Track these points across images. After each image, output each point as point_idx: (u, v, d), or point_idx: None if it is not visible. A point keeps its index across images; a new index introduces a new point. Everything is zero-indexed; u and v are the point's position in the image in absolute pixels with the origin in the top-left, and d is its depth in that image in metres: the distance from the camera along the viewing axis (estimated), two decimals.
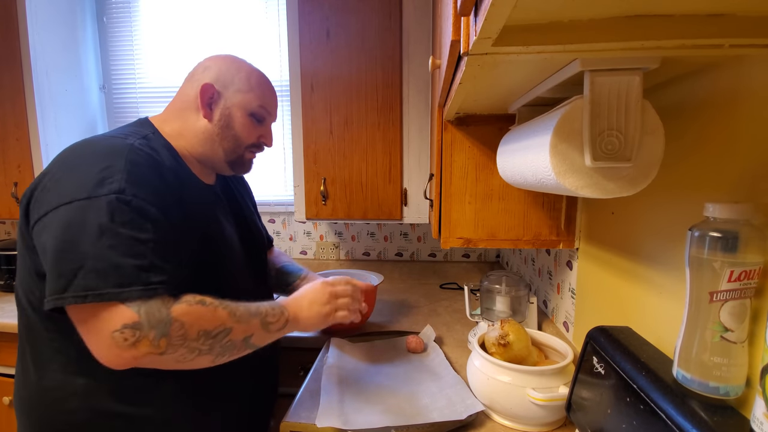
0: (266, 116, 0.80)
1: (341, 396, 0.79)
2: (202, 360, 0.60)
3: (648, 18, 0.37)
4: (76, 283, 0.52)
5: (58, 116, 1.62)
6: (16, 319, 1.28)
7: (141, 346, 0.53)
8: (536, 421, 0.69)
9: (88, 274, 0.52)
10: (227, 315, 0.62)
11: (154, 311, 0.54)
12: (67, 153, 0.62)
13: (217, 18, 1.75)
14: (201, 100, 0.73)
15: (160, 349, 0.54)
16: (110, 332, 0.52)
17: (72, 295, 0.52)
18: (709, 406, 0.41)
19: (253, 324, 0.65)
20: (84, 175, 0.57)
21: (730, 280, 0.39)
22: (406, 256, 1.78)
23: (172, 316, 0.56)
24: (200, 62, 0.79)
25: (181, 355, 0.57)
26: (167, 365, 0.58)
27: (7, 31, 1.49)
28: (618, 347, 0.55)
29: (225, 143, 0.76)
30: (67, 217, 0.54)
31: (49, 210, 0.56)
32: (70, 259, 0.53)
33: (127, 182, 0.57)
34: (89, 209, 0.54)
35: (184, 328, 0.56)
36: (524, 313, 1.00)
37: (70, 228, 0.54)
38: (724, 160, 0.47)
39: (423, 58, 1.31)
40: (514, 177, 0.65)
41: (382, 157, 1.37)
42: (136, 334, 0.53)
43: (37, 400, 0.65)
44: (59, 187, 0.57)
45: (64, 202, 0.55)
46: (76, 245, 0.53)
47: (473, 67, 0.46)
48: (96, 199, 0.55)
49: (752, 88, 0.44)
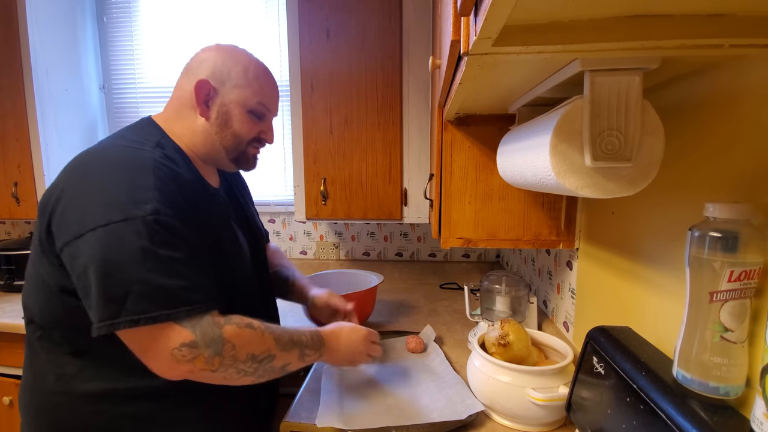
0: (266, 112, 0.77)
1: (341, 396, 0.79)
2: (245, 380, 0.63)
3: (648, 18, 0.37)
4: (127, 308, 0.53)
5: (58, 116, 1.62)
6: (15, 319, 1.29)
7: (197, 363, 0.56)
8: (536, 421, 0.69)
9: (137, 298, 0.53)
10: (273, 342, 0.64)
11: (207, 331, 0.57)
12: (86, 166, 0.60)
13: (217, 18, 1.75)
14: (197, 98, 0.71)
15: (213, 366, 0.57)
16: (170, 350, 0.55)
17: (125, 320, 0.53)
18: (709, 406, 0.41)
19: (293, 354, 0.68)
20: (114, 194, 0.56)
21: (730, 280, 0.39)
22: (406, 256, 1.78)
23: (224, 336, 0.58)
24: (197, 53, 0.75)
25: (229, 374, 0.60)
26: (215, 381, 0.60)
27: (7, 31, 1.49)
28: (618, 347, 0.55)
29: (225, 141, 0.74)
30: (107, 240, 0.54)
31: (84, 232, 0.54)
32: (117, 285, 0.53)
33: (160, 202, 0.57)
34: (128, 232, 0.54)
35: (234, 349, 0.59)
36: (524, 313, 1.00)
37: (111, 252, 0.54)
38: (724, 160, 0.47)
39: (423, 58, 1.31)
40: (514, 177, 0.65)
41: (382, 157, 1.37)
42: (193, 352, 0.56)
43: (47, 402, 0.66)
44: (88, 205, 0.56)
45: (100, 225, 0.54)
46: (121, 270, 0.53)
47: (473, 67, 0.46)
48: (132, 221, 0.54)
49: (752, 88, 0.44)
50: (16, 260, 1.58)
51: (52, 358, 0.65)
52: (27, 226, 2.02)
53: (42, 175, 1.56)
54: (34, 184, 1.57)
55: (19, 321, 1.29)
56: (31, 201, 1.58)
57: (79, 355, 0.64)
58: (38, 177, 1.56)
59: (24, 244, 1.62)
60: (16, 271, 1.59)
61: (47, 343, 0.66)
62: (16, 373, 1.36)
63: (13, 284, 1.58)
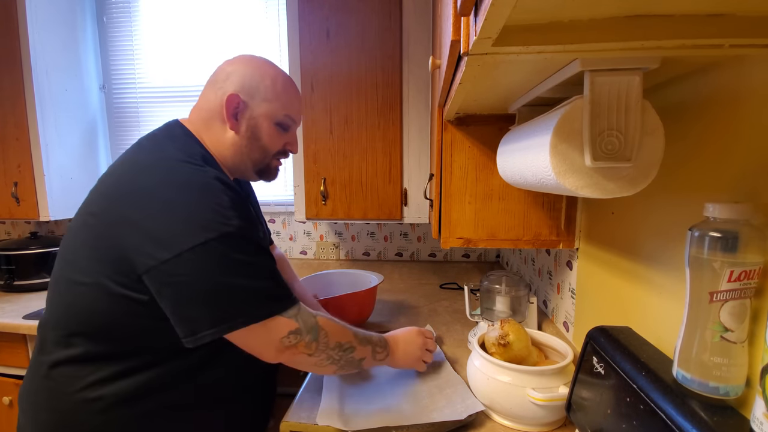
0: (291, 124, 0.80)
1: (341, 396, 0.79)
2: (330, 368, 0.71)
3: (648, 18, 0.37)
4: (239, 311, 0.60)
5: (58, 116, 1.62)
6: (16, 319, 1.29)
7: (299, 347, 0.65)
8: (536, 421, 0.69)
9: (245, 302, 0.60)
10: (353, 335, 0.73)
11: (307, 319, 0.66)
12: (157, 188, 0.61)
13: (217, 18, 1.75)
14: (227, 112, 0.72)
15: (311, 350, 0.66)
16: (279, 339, 0.63)
17: (243, 320, 0.60)
18: (709, 406, 0.41)
19: (367, 349, 0.75)
20: (202, 214, 0.60)
21: (730, 280, 0.39)
22: (406, 256, 1.78)
23: (319, 324, 0.67)
24: (220, 67, 0.77)
25: (320, 360, 0.68)
26: (308, 367, 0.69)
27: (7, 31, 1.49)
28: (618, 347, 0.55)
29: (253, 154, 0.77)
30: (208, 257, 0.58)
31: (182, 251, 0.57)
32: (226, 293, 0.59)
33: (240, 218, 0.62)
34: (225, 247, 0.59)
35: (327, 336, 0.68)
36: (524, 313, 1.00)
37: (215, 266, 0.59)
38: (724, 160, 0.47)
39: (423, 58, 1.31)
40: (514, 177, 0.65)
41: (382, 157, 1.37)
42: (297, 338, 0.64)
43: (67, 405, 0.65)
44: (176, 226, 0.59)
45: (198, 243, 0.58)
46: (226, 281, 0.59)
47: (473, 67, 0.46)
48: (226, 237, 0.59)
49: (752, 88, 0.44)
50: (16, 260, 1.58)
51: (77, 366, 0.65)
52: (27, 226, 2.02)
53: (42, 175, 1.56)
54: (34, 184, 1.57)
55: (19, 321, 1.29)
56: (31, 201, 1.58)
57: (101, 360, 0.65)
58: (38, 177, 1.56)
59: (24, 244, 1.62)
60: (16, 271, 1.58)
61: (76, 349, 0.65)
62: (16, 373, 1.36)
63: (13, 284, 1.58)
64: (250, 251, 0.62)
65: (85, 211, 0.66)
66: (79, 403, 0.64)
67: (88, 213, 0.65)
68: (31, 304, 1.45)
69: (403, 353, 0.82)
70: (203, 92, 0.77)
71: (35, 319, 1.29)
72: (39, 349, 0.68)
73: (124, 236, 0.60)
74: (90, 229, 0.64)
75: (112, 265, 0.61)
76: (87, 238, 0.64)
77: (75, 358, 0.64)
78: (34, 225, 2.00)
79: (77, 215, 0.68)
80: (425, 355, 0.85)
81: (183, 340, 0.60)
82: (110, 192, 0.64)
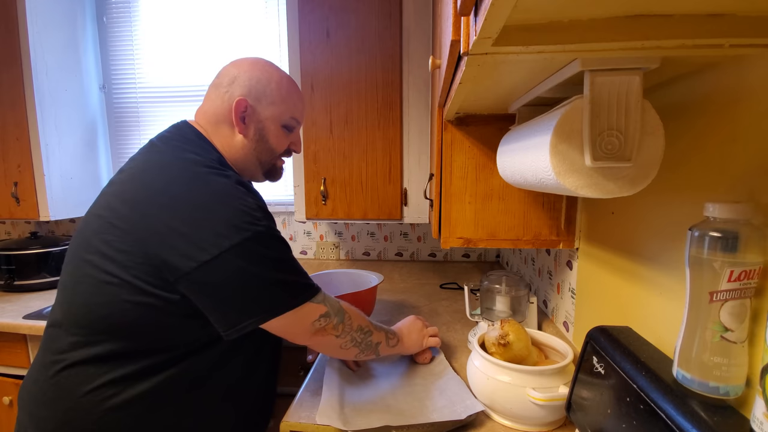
0: (296, 125, 0.84)
1: (341, 396, 0.79)
2: (352, 351, 0.76)
3: (648, 18, 0.37)
4: (277, 300, 0.65)
5: (58, 116, 1.62)
6: (16, 319, 1.29)
7: (328, 329, 0.71)
8: (536, 421, 0.69)
9: (284, 291, 0.66)
10: (368, 321, 0.79)
11: (333, 303, 0.72)
12: (183, 194, 0.64)
13: (217, 18, 1.75)
14: (236, 116, 0.75)
15: (338, 332, 0.72)
16: (311, 323, 0.69)
17: (280, 309, 0.65)
18: (709, 406, 0.41)
19: (381, 335, 0.81)
20: (233, 216, 0.63)
21: (730, 280, 0.39)
22: (406, 256, 1.78)
23: (344, 308, 0.74)
24: (224, 70, 0.78)
25: (345, 342, 0.74)
26: (333, 348, 0.74)
27: (7, 31, 1.49)
28: (618, 347, 0.55)
29: (262, 156, 0.80)
30: (246, 255, 0.62)
31: (220, 252, 0.61)
32: (266, 286, 0.64)
33: (266, 218, 0.67)
34: (258, 246, 0.64)
35: (351, 319, 0.74)
36: (524, 313, 1.00)
37: (252, 263, 0.63)
38: (724, 160, 0.47)
39: (423, 58, 1.31)
40: (514, 177, 0.65)
41: (382, 157, 1.37)
42: (327, 321, 0.70)
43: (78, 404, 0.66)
44: (210, 231, 0.62)
45: (235, 243, 0.62)
46: (266, 274, 0.64)
47: (473, 67, 0.46)
48: (260, 236, 0.64)
49: (752, 88, 0.44)
50: (16, 260, 1.58)
51: (95, 365, 0.65)
52: (27, 226, 2.02)
53: (42, 175, 1.56)
54: (34, 184, 1.57)
55: (19, 321, 1.29)
56: (31, 201, 1.58)
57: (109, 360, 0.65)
58: (38, 177, 1.56)
59: (24, 244, 1.62)
60: (16, 271, 1.59)
61: (97, 348, 0.65)
62: (16, 373, 1.36)
63: (13, 284, 1.58)
64: (280, 248, 0.68)
65: (108, 214, 0.66)
66: (90, 402, 0.64)
67: (112, 216, 0.66)
68: (31, 304, 1.46)
69: (409, 339, 0.89)
70: (208, 95, 0.78)
71: (35, 319, 1.29)
72: (51, 349, 0.68)
73: (159, 240, 0.62)
74: (117, 231, 0.64)
75: (145, 267, 0.62)
76: (113, 240, 0.64)
77: (95, 357, 0.65)
78: (34, 225, 2.00)
79: (93, 216, 0.68)
80: (429, 338, 0.93)
81: (224, 333, 0.64)
82: (138, 197, 0.65)
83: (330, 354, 0.77)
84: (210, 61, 1.76)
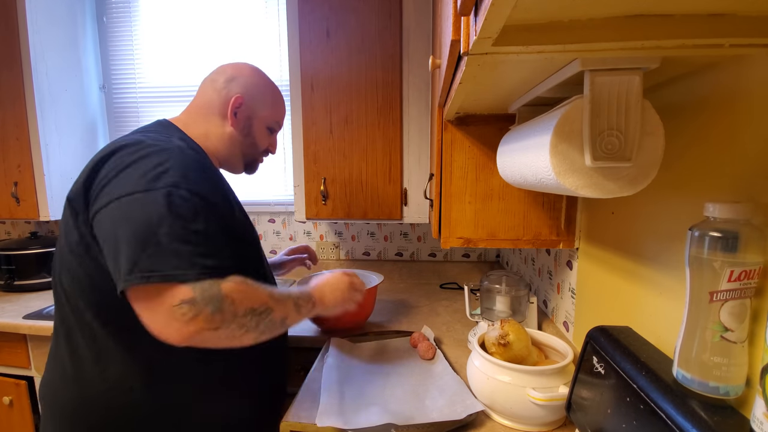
0: (277, 128, 0.94)
1: (341, 396, 0.79)
2: (247, 337, 0.64)
3: (648, 18, 0.37)
4: (141, 265, 0.56)
5: (58, 116, 1.62)
6: (16, 319, 1.29)
7: (199, 321, 0.57)
8: (536, 420, 0.69)
9: (151, 257, 0.57)
10: (267, 295, 0.67)
11: (206, 288, 0.59)
12: (118, 153, 0.65)
13: (217, 18, 1.75)
14: (231, 110, 0.82)
15: (215, 324, 0.59)
16: (170, 307, 0.56)
17: (138, 275, 0.56)
18: (709, 406, 0.41)
19: (288, 306, 0.71)
20: (141, 171, 0.62)
21: (730, 280, 0.39)
22: (406, 256, 1.78)
23: (223, 292, 0.60)
24: (221, 69, 0.85)
25: (231, 332, 0.62)
26: (220, 342, 0.62)
27: (7, 31, 1.49)
28: (618, 347, 0.55)
29: (246, 149, 0.87)
30: (129, 207, 0.59)
31: (111, 200, 0.60)
32: (134, 245, 0.57)
33: (181, 177, 0.63)
34: (148, 200, 0.59)
35: (234, 304, 0.61)
36: (524, 313, 1.00)
37: (132, 217, 0.59)
38: (724, 160, 0.47)
39: (423, 58, 1.31)
40: (514, 177, 0.65)
41: (382, 157, 1.37)
42: (193, 310, 0.57)
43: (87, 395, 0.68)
44: (118, 181, 0.62)
45: (126, 193, 0.60)
46: (140, 233, 0.58)
47: (473, 66, 0.46)
48: (154, 191, 0.60)
49: (752, 88, 0.44)
50: (16, 260, 1.58)
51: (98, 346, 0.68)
52: (27, 226, 2.02)
53: (42, 175, 1.56)
54: (34, 184, 1.57)
55: (19, 321, 1.29)
56: (31, 201, 1.58)
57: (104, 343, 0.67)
58: (38, 177, 1.56)
59: (24, 244, 1.62)
60: (16, 271, 1.59)
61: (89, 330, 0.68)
62: (16, 373, 1.36)
63: (13, 284, 1.58)
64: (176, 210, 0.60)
65: (70, 195, 0.69)
66: (102, 389, 0.67)
67: (71, 194, 0.68)
68: (31, 304, 1.46)
69: (331, 298, 0.81)
70: (202, 90, 0.85)
71: (35, 319, 1.29)
72: (57, 343, 0.72)
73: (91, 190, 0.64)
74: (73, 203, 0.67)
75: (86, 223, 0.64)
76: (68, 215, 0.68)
77: (91, 336, 0.67)
78: (34, 225, 2.00)
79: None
80: (354, 295, 0.86)
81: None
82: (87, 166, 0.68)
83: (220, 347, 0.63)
84: (210, 61, 1.76)
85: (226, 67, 0.85)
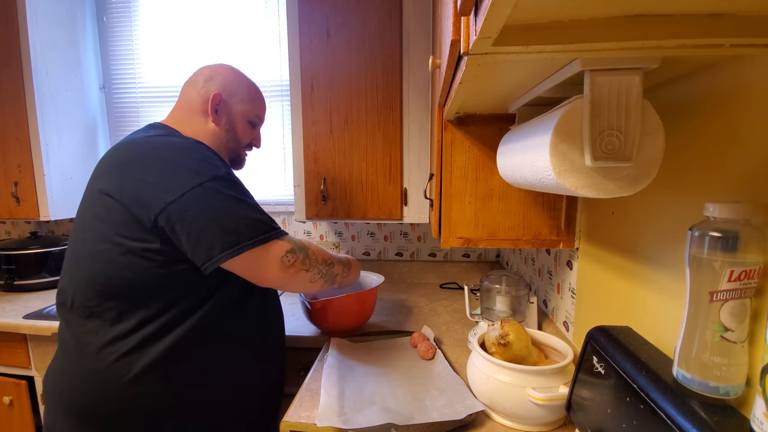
0: (258, 123, 0.97)
1: (341, 396, 0.79)
2: (319, 283, 0.82)
3: (648, 18, 0.37)
4: (245, 235, 0.69)
5: (58, 116, 1.62)
6: (16, 318, 1.29)
7: (297, 264, 0.76)
8: (536, 420, 0.69)
9: (249, 228, 0.70)
10: (329, 253, 0.86)
11: (296, 241, 0.78)
12: (147, 154, 0.72)
13: (217, 18, 1.75)
14: (211, 107, 0.86)
15: (306, 266, 0.77)
16: (279, 258, 0.73)
17: (246, 244, 0.69)
18: (709, 406, 0.41)
19: (340, 267, 0.89)
20: (192, 164, 0.70)
21: (730, 280, 0.39)
22: (406, 256, 1.78)
23: (305, 244, 0.79)
24: (200, 71, 0.90)
25: (313, 275, 0.79)
26: (304, 283, 0.79)
27: (7, 31, 1.49)
28: (618, 347, 0.55)
29: (229, 144, 0.91)
30: (207, 194, 0.68)
31: (182, 193, 0.67)
32: (229, 223, 0.68)
33: (225, 166, 0.75)
34: (219, 186, 0.70)
35: (314, 254, 0.80)
36: (524, 312, 1.00)
37: (214, 202, 0.68)
38: (724, 160, 0.47)
39: (423, 58, 1.31)
40: (514, 177, 0.65)
41: (382, 157, 1.37)
42: (294, 257, 0.75)
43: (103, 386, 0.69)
44: (173, 177, 0.69)
45: (196, 185, 0.68)
46: (226, 213, 0.69)
47: (473, 66, 0.46)
48: (219, 178, 0.71)
49: (752, 88, 0.44)
50: (16, 260, 1.58)
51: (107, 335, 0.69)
52: (27, 226, 2.02)
53: (42, 175, 1.56)
54: (34, 184, 1.57)
55: (19, 321, 1.29)
56: (31, 201, 1.58)
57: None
58: (38, 177, 1.56)
59: (24, 244, 1.62)
60: (16, 271, 1.59)
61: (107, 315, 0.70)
62: (16, 373, 1.36)
63: (13, 284, 1.58)
64: (241, 191, 0.74)
65: (89, 194, 0.74)
66: (112, 373, 0.68)
67: (93, 191, 0.73)
68: (31, 304, 1.46)
69: (356, 273, 0.98)
70: (184, 92, 0.89)
71: (35, 319, 1.29)
72: (68, 335, 0.73)
73: (135, 194, 0.68)
74: (96, 201, 0.71)
75: (125, 223, 0.69)
76: (98, 211, 0.71)
77: (109, 326, 0.69)
78: (35, 225, 2.00)
79: (85, 196, 0.76)
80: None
81: (201, 267, 0.68)
82: (107, 168, 0.73)
83: (298, 290, 0.81)
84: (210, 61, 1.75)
85: (204, 68, 0.90)
